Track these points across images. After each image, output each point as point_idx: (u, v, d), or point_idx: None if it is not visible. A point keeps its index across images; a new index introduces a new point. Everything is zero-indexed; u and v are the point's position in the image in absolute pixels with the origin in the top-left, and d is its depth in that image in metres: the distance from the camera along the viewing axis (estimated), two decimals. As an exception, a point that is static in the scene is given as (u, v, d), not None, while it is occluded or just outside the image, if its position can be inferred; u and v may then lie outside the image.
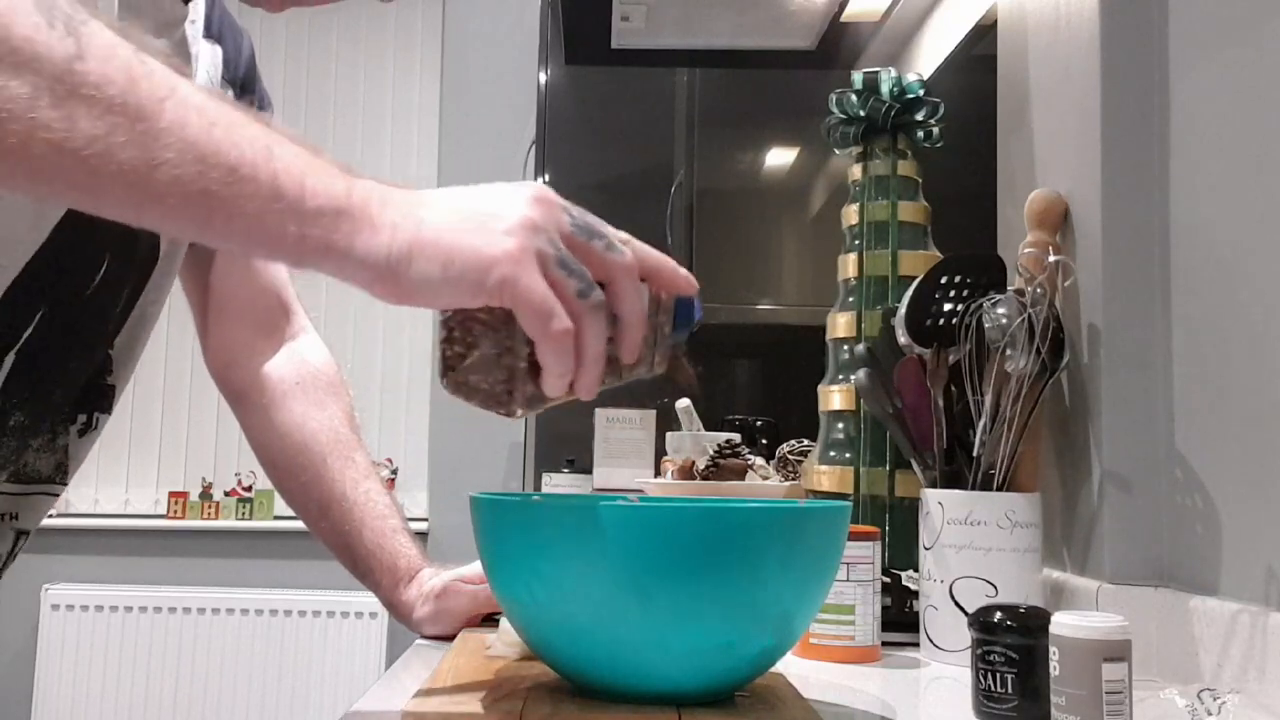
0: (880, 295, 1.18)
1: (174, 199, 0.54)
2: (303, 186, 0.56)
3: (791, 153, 2.28)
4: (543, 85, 2.36)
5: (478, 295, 0.59)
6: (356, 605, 2.98)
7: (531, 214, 0.59)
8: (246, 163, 0.54)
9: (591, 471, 1.64)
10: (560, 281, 0.59)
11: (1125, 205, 1.01)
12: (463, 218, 0.59)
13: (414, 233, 0.58)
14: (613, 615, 0.64)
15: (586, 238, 0.61)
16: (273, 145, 0.56)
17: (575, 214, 0.62)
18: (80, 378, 0.86)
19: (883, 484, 1.14)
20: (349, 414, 1.08)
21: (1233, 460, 0.88)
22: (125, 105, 0.52)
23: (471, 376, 0.63)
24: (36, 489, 0.87)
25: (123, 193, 0.53)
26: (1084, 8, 1.06)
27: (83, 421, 0.88)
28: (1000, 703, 0.74)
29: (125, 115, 0.52)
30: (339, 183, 0.58)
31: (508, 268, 0.58)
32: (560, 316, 0.58)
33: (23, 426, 0.82)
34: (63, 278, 0.79)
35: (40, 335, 0.79)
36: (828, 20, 1.85)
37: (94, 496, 3.20)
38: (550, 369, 0.60)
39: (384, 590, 1.01)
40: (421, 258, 0.57)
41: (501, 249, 0.58)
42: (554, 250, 0.59)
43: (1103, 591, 0.95)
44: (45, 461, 0.86)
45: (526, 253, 0.58)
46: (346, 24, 3.39)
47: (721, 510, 0.65)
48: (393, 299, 0.59)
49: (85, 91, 0.51)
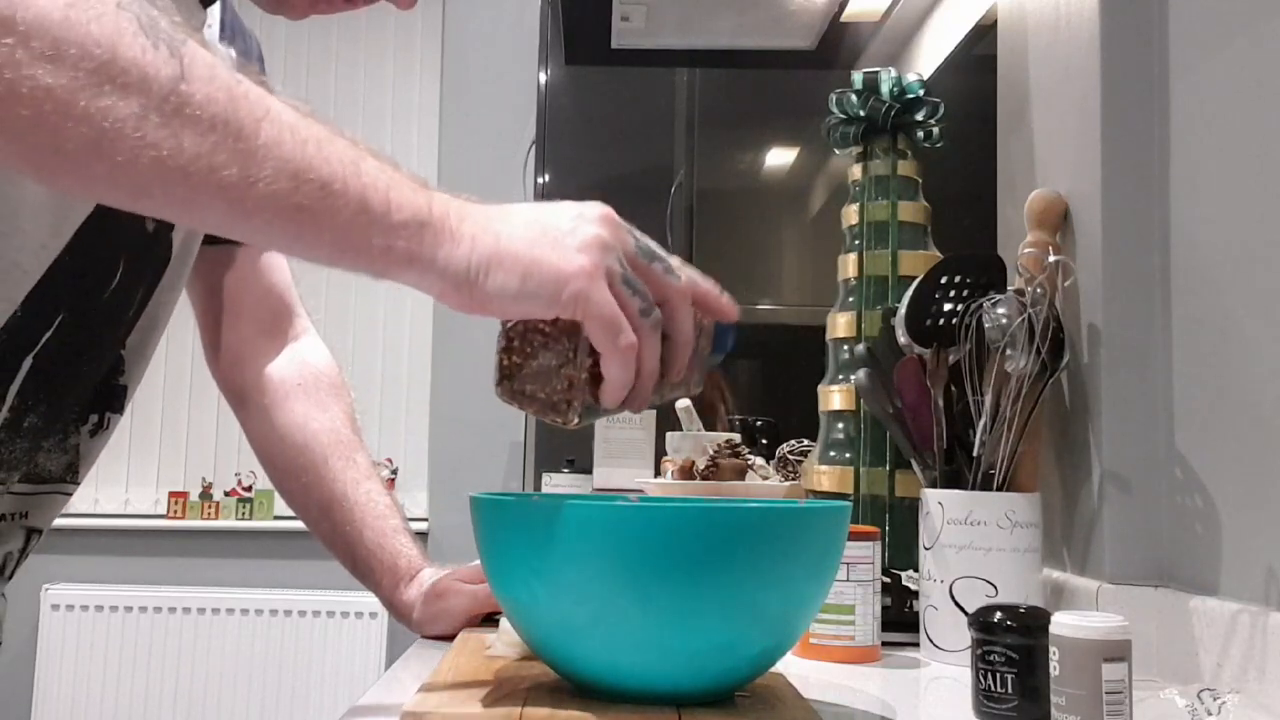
0: (880, 295, 1.18)
1: (269, 213, 0.56)
2: (388, 200, 0.59)
3: (791, 153, 2.28)
4: (543, 85, 2.36)
5: (551, 307, 0.62)
6: (356, 605, 2.98)
7: (602, 233, 0.63)
8: (337, 178, 0.57)
9: (591, 471, 1.64)
10: (626, 299, 0.62)
11: (1125, 205, 1.01)
12: (538, 233, 0.62)
13: (493, 245, 0.61)
14: (613, 615, 0.64)
15: (649, 260, 0.65)
16: (359, 161, 0.59)
17: (639, 236, 0.66)
18: (94, 379, 0.87)
19: (883, 484, 1.14)
20: (350, 415, 1.09)
21: (1233, 460, 0.88)
22: (226, 124, 0.54)
23: (529, 385, 0.66)
24: (48, 488, 0.87)
25: (222, 207, 0.56)
26: (1084, 8, 1.06)
27: (94, 421, 0.89)
28: (1000, 703, 0.74)
29: (226, 134, 0.54)
30: (420, 197, 0.61)
31: (582, 282, 0.61)
32: (627, 332, 0.62)
33: (36, 428, 0.82)
34: (81, 282, 0.80)
35: (58, 339, 0.80)
36: (828, 20, 1.85)
37: (94, 496, 3.20)
38: (613, 381, 0.64)
39: (384, 590, 1.02)
40: (500, 270, 0.61)
41: (576, 265, 0.61)
42: (621, 269, 0.63)
43: (1103, 591, 0.95)
44: (56, 461, 0.87)
45: (599, 269, 0.61)
46: (346, 24, 3.38)
47: (721, 510, 0.65)
48: (467, 308, 0.62)
49: (190, 111, 0.54)
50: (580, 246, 0.62)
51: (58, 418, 0.84)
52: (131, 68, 0.52)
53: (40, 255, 0.76)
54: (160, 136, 0.53)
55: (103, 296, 0.83)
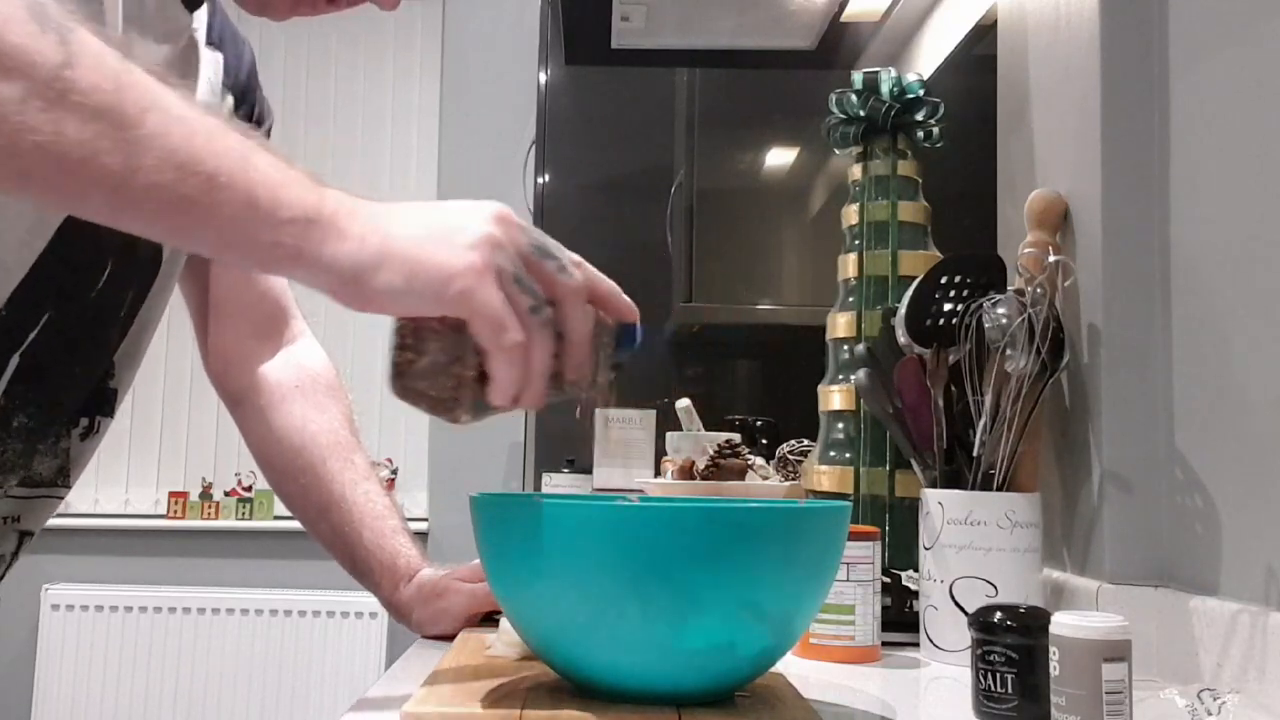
0: (880, 295, 1.18)
1: (152, 204, 0.56)
2: (277, 197, 0.59)
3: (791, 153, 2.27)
4: (543, 85, 2.36)
5: (438, 305, 0.61)
6: (356, 605, 2.98)
7: (494, 231, 0.62)
8: (224, 171, 0.57)
9: (591, 471, 1.64)
10: (515, 297, 0.61)
11: (1125, 205, 1.01)
12: (428, 232, 0.61)
13: (381, 243, 0.60)
14: (613, 615, 0.64)
15: (541, 258, 0.64)
16: (249, 155, 0.59)
17: (533, 235, 0.64)
18: (87, 382, 0.87)
19: (883, 484, 1.14)
20: (348, 416, 1.08)
21: (1233, 460, 0.88)
22: (110, 112, 0.54)
23: (420, 382, 0.65)
24: (40, 493, 0.87)
25: (103, 196, 0.56)
26: (1084, 8, 1.06)
27: (85, 425, 0.89)
28: (1000, 703, 0.74)
29: (109, 122, 0.54)
30: (311, 194, 0.60)
31: (467, 280, 0.60)
32: (513, 330, 0.61)
33: (27, 429, 0.82)
34: (67, 281, 0.80)
35: (45, 339, 0.80)
36: (828, 20, 1.84)
37: (94, 496, 3.20)
38: (500, 379, 0.63)
39: (384, 591, 1.02)
40: (387, 268, 0.60)
41: (464, 262, 0.60)
42: (511, 267, 0.62)
43: (1103, 591, 0.95)
44: (48, 465, 0.87)
45: (487, 267, 0.61)
46: (346, 26, 3.38)
47: (721, 510, 0.65)
48: (356, 306, 0.61)
49: (74, 98, 0.53)
50: (470, 244, 0.61)
51: (49, 419, 0.84)
52: (16, 52, 0.52)
53: (22, 253, 0.76)
54: (41, 121, 0.53)
55: (90, 296, 0.83)
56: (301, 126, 3.34)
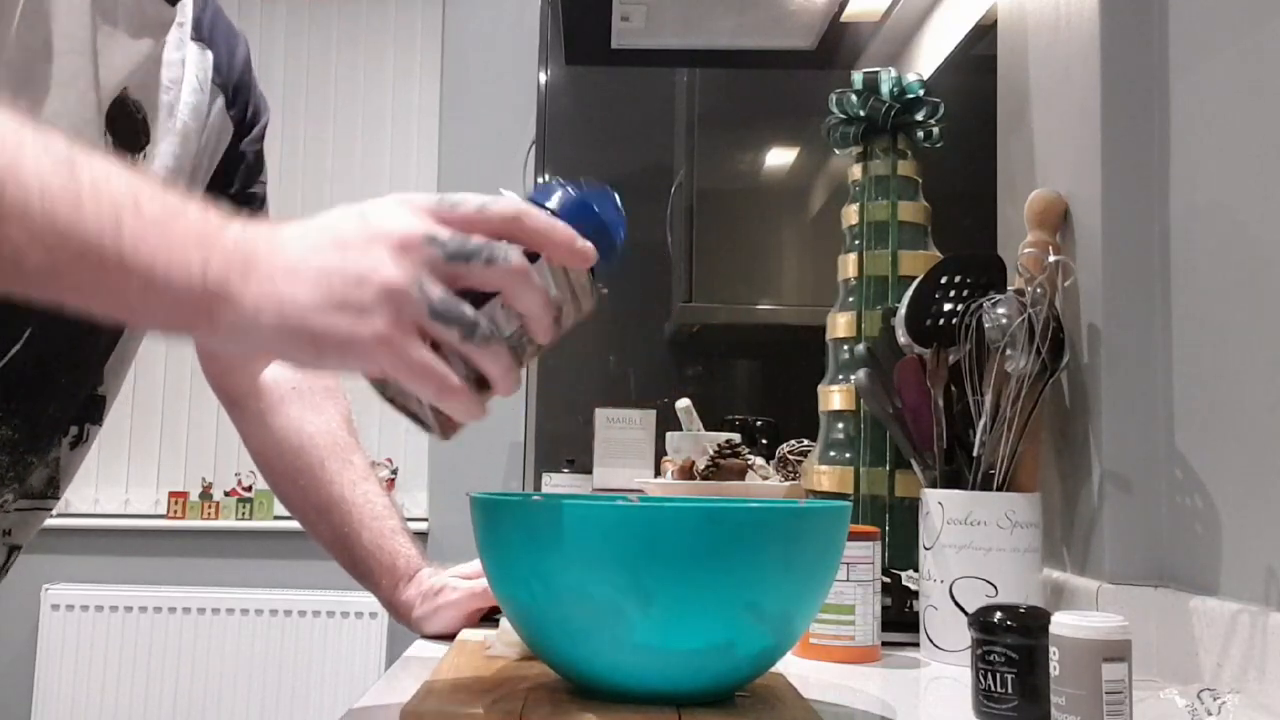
0: (880, 295, 1.18)
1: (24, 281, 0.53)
2: (152, 269, 0.54)
3: (791, 153, 2.27)
4: (543, 85, 2.36)
5: (361, 375, 0.58)
6: (356, 605, 2.98)
7: (394, 276, 0.55)
8: (92, 247, 0.53)
9: (591, 471, 1.64)
10: (440, 334, 0.56)
11: (1125, 205, 1.01)
12: (327, 293, 0.55)
13: (277, 314, 0.55)
14: (613, 615, 0.64)
15: (463, 261, 0.57)
16: (124, 216, 0.53)
17: (445, 239, 0.57)
18: (77, 393, 0.86)
19: (883, 484, 1.14)
20: (346, 417, 1.08)
21: (1233, 460, 0.88)
22: None
23: (398, 396, 0.63)
24: (29, 504, 0.87)
25: None
26: (1084, 8, 1.06)
27: (74, 434, 0.88)
28: (1000, 703, 0.74)
29: None
30: (195, 255, 0.54)
31: (382, 353, 0.55)
32: (447, 377, 0.56)
33: (14, 441, 0.81)
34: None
35: (28, 352, 0.79)
36: (828, 20, 1.84)
37: (94, 496, 3.20)
38: (458, 413, 0.59)
39: (383, 590, 1.02)
40: (291, 343, 0.56)
41: (371, 333, 0.55)
42: (426, 302, 0.56)
43: (1103, 591, 0.95)
44: (38, 476, 0.86)
45: (397, 328, 0.55)
46: (346, 25, 3.38)
47: (721, 510, 0.65)
48: None
49: None
50: (372, 303, 0.55)
51: (38, 433, 0.84)
52: None
53: None
54: None
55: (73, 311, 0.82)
56: (301, 126, 3.34)
